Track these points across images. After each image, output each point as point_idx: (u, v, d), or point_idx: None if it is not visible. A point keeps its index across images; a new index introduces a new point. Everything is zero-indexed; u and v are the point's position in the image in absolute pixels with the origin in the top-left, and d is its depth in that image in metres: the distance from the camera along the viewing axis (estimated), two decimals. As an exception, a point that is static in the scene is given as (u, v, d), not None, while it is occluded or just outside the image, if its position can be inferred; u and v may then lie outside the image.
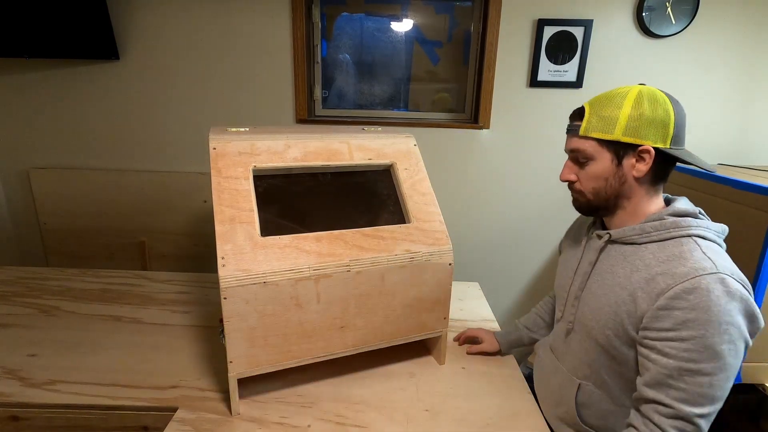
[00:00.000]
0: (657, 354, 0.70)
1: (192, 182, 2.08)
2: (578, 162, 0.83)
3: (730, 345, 0.67)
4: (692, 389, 0.68)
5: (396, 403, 0.99)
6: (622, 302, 0.76)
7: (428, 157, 2.04)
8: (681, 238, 0.74)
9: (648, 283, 0.73)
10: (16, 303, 1.36)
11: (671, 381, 0.69)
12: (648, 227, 0.77)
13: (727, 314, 0.66)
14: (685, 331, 0.67)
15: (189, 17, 1.92)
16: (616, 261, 0.81)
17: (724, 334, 0.66)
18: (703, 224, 0.76)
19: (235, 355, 0.90)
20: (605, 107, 0.78)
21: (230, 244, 0.87)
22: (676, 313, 0.68)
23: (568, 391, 0.89)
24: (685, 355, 0.68)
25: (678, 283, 0.69)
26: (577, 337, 0.88)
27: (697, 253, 0.71)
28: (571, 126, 0.83)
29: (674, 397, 0.69)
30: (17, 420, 0.97)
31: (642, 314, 0.73)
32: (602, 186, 0.80)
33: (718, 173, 1.51)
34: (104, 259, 2.15)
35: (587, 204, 0.84)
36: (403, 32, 2.06)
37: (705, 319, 0.66)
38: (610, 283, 0.80)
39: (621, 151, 0.78)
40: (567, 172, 0.85)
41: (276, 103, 2.02)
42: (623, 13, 1.88)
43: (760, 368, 1.39)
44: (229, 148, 0.98)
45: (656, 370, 0.70)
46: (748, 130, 2.01)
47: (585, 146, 0.80)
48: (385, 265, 0.97)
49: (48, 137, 2.08)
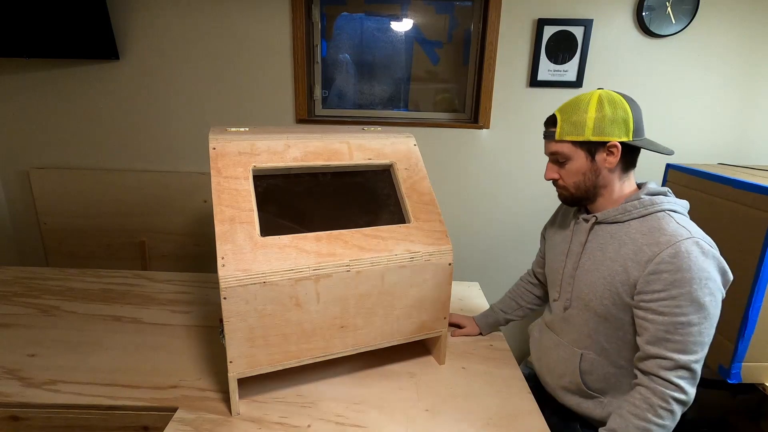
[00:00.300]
0: (653, 314, 0.82)
1: (192, 182, 2.08)
2: (558, 162, 0.94)
3: (711, 297, 0.79)
4: (686, 339, 0.79)
5: (396, 403, 0.99)
6: (616, 273, 0.88)
7: (428, 157, 2.05)
8: (657, 213, 0.87)
9: (636, 254, 0.85)
10: (16, 303, 1.36)
11: (668, 336, 0.80)
12: (629, 206, 0.89)
13: (705, 271, 0.79)
14: (674, 289, 0.79)
15: (189, 17, 1.92)
16: (604, 239, 0.92)
17: (705, 288, 0.78)
18: (672, 200, 0.89)
19: (235, 355, 0.90)
20: (573, 113, 0.89)
21: (230, 244, 0.87)
22: (664, 276, 0.80)
23: (571, 362, 0.98)
24: (676, 310, 0.79)
25: (662, 250, 0.81)
26: (575, 311, 0.97)
27: (673, 224, 0.84)
28: (547, 132, 0.95)
29: (672, 349, 0.80)
30: (17, 420, 0.97)
31: (635, 281, 0.84)
32: (581, 180, 0.92)
33: (719, 173, 1.51)
34: (104, 259, 2.15)
35: (571, 197, 0.96)
36: (403, 32, 2.06)
37: (689, 277, 0.78)
38: (601, 259, 0.91)
39: (592, 149, 0.90)
40: (550, 173, 0.97)
41: (276, 103, 2.02)
42: (623, 12, 1.88)
43: (760, 368, 1.38)
44: (229, 148, 0.98)
45: (654, 328, 0.81)
46: (748, 130, 2.00)
47: (562, 149, 0.92)
48: (385, 265, 0.97)
49: (48, 137, 2.08)
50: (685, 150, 2.04)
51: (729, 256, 1.39)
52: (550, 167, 0.97)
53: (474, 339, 1.26)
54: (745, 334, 1.34)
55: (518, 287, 1.29)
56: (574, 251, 0.98)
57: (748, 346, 1.35)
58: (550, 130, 0.93)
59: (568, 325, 0.99)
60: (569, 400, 1.00)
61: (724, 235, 1.43)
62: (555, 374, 1.03)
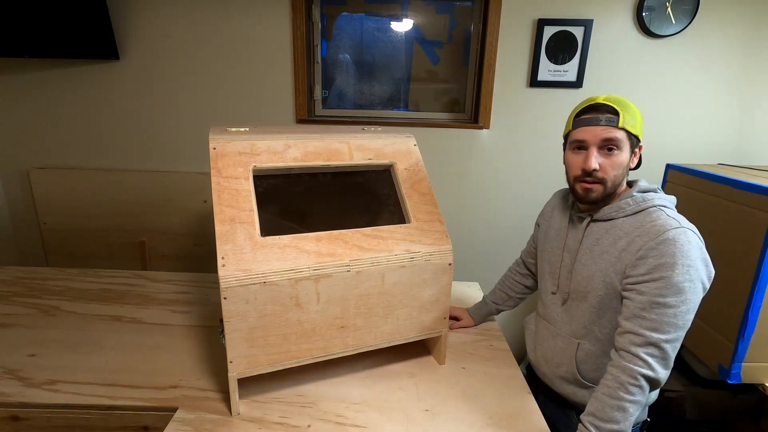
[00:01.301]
0: (635, 294, 0.86)
1: (192, 182, 2.08)
2: (607, 151, 0.92)
3: (691, 283, 0.82)
4: (660, 319, 0.82)
5: (396, 403, 0.99)
6: (611, 265, 0.91)
7: (428, 157, 2.05)
8: (648, 209, 0.91)
9: (629, 244, 0.89)
10: (16, 303, 1.36)
11: (644, 313, 0.83)
12: (622, 204, 0.93)
13: (689, 258, 0.82)
14: (656, 273, 0.83)
15: (189, 17, 1.92)
16: (600, 235, 0.95)
17: (686, 274, 0.82)
18: (662, 196, 0.93)
19: (235, 355, 0.90)
20: (627, 107, 0.90)
21: (230, 244, 0.87)
22: (650, 260, 0.84)
23: (568, 352, 1.00)
24: (655, 291, 0.83)
25: (652, 238, 0.85)
26: (573, 303, 1.00)
27: (664, 217, 0.88)
28: (606, 117, 0.91)
29: (645, 326, 0.83)
30: (17, 420, 0.97)
31: (625, 268, 0.88)
32: (620, 174, 0.93)
33: (719, 173, 1.51)
34: (104, 259, 2.15)
35: (603, 193, 0.93)
36: (403, 32, 2.06)
37: (672, 262, 0.82)
38: (597, 253, 0.94)
39: (634, 145, 0.93)
40: (595, 161, 0.92)
41: (276, 103, 2.02)
42: (623, 13, 1.88)
43: (760, 368, 1.38)
44: (229, 148, 0.98)
45: (632, 306, 0.85)
46: (748, 130, 2.00)
47: (620, 136, 0.90)
48: (385, 265, 0.97)
49: (48, 137, 2.08)
50: (685, 150, 2.04)
51: (729, 256, 1.40)
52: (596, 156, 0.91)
53: (474, 339, 1.26)
54: (745, 334, 1.34)
55: (507, 278, 1.32)
56: (571, 246, 1.01)
57: (748, 346, 1.35)
58: (609, 116, 0.90)
59: (566, 317, 1.02)
60: (565, 389, 1.03)
61: (724, 235, 1.43)
62: (552, 364, 1.05)
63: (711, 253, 1.46)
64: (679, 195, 1.67)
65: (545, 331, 1.08)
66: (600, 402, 0.85)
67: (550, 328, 1.06)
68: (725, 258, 1.42)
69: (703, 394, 1.90)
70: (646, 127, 2.00)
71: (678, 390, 1.90)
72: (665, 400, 1.91)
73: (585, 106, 0.94)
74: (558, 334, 1.04)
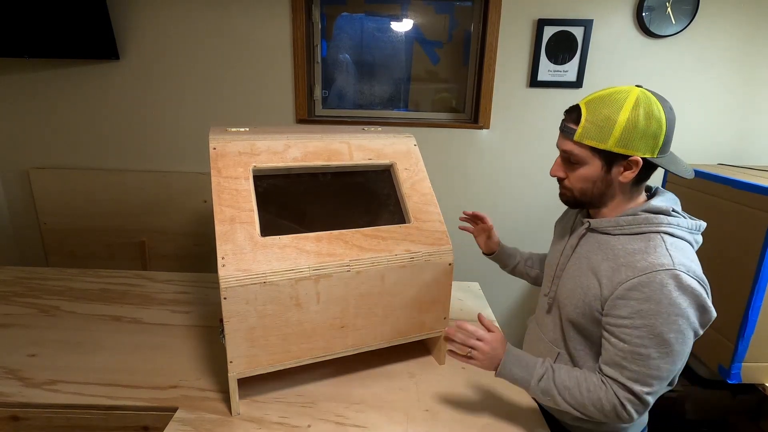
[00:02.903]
0: (615, 338, 0.79)
1: (192, 182, 2.08)
2: (569, 162, 0.85)
3: (678, 334, 0.74)
4: (642, 371, 0.76)
5: (396, 403, 0.99)
6: (592, 286, 0.83)
7: (428, 157, 2.04)
8: (650, 233, 0.80)
9: (613, 272, 0.80)
10: (16, 303, 1.36)
11: (625, 363, 0.77)
12: (622, 221, 0.83)
13: (677, 306, 0.73)
14: (638, 319, 0.75)
15: (189, 17, 1.92)
16: (592, 248, 0.87)
17: (673, 324, 0.73)
18: (674, 221, 0.80)
19: (235, 355, 0.90)
20: (601, 113, 0.78)
21: (230, 244, 0.87)
22: (632, 303, 0.76)
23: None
24: (637, 341, 0.75)
25: (636, 276, 0.75)
26: (555, 312, 0.95)
27: (661, 249, 0.76)
28: (565, 127, 0.84)
29: (627, 376, 0.77)
30: (17, 420, 0.97)
31: (605, 299, 0.80)
32: (589, 187, 0.84)
33: (719, 173, 1.51)
34: (104, 259, 2.15)
35: (573, 200, 0.89)
36: (403, 32, 2.06)
37: (656, 310, 0.73)
38: (584, 268, 0.87)
39: (611, 160, 0.80)
40: (557, 169, 0.88)
41: (276, 103, 2.02)
42: (623, 13, 1.88)
43: (760, 368, 1.38)
44: (229, 148, 0.98)
45: (613, 352, 0.79)
46: (748, 130, 2.01)
47: (578, 151, 0.82)
48: (385, 265, 0.97)
49: (48, 137, 2.08)
50: (685, 150, 2.04)
51: (729, 256, 1.40)
52: (559, 164, 0.87)
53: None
54: (745, 334, 1.34)
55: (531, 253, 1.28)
56: (565, 253, 0.95)
57: (748, 346, 1.35)
58: (569, 126, 0.81)
59: (549, 323, 0.98)
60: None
61: (724, 235, 1.43)
62: None
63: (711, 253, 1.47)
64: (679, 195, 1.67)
65: (534, 334, 1.05)
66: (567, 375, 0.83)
67: (538, 332, 1.03)
68: (725, 258, 1.42)
69: (703, 394, 1.90)
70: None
71: (678, 390, 1.90)
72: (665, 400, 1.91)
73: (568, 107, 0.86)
74: (542, 340, 1.00)
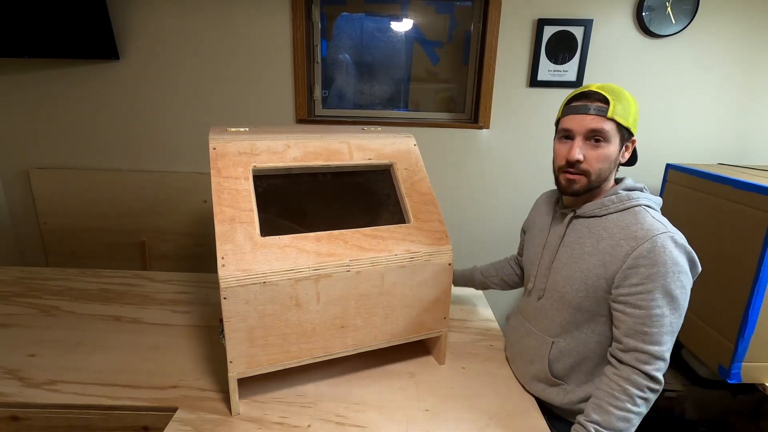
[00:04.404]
0: (630, 308, 0.84)
1: (192, 182, 2.08)
2: (593, 143, 0.88)
3: (682, 289, 0.82)
4: (660, 331, 0.82)
5: (396, 403, 0.99)
6: (593, 267, 0.89)
7: (428, 157, 2.05)
8: (633, 208, 0.88)
9: (614, 248, 0.86)
10: (16, 303, 1.36)
11: (645, 328, 0.82)
12: (606, 201, 0.90)
13: (678, 264, 0.81)
14: (650, 283, 0.81)
15: (189, 17, 1.92)
16: (582, 233, 0.93)
17: (678, 281, 0.81)
18: (647, 196, 0.91)
19: (235, 355, 0.90)
20: (621, 98, 0.86)
21: (230, 244, 0.87)
22: (641, 270, 0.82)
23: (541, 350, 1.00)
24: (652, 303, 0.82)
25: (640, 244, 0.83)
26: (548, 302, 0.98)
27: (649, 218, 0.85)
28: (594, 106, 0.87)
29: (649, 341, 0.83)
30: (17, 420, 0.97)
31: (612, 275, 0.86)
32: (606, 168, 0.89)
33: (719, 173, 1.51)
34: (104, 259, 2.15)
35: (587, 185, 0.91)
36: (403, 32, 2.06)
37: (663, 271, 0.81)
38: (579, 253, 0.92)
39: (625, 138, 0.89)
40: (578, 152, 0.88)
41: (276, 103, 2.02)
42: (623, 12, 1.88)
43: (760, 368, 1.38)
44: (229, 148, 0.98)
45: (632, 321, 0.84)
46: (748, 130, 2.01)
47: (608, 127, 0.86)
48: (385, 265, 0.97)
49: (48, 137, 2.08)
50: (685, 150, 2.04)
51: (729, 256, 1.40)
52: (580, 146, 0.88)
53: (474, 339, 1.26)
54: (745, 334, 1.34)
55: (503, 261, 1.33)
56: (551, 244, 0.99)
57: (748, 346, 1.35)
58: (599, 105, 0.86)
59: (541, 315, 1.01)
60: (535, 387, 1.02)
61: (724, 235, 1.43)
62: (525, 361, 1.05)
63: (711, 253, 1.47)
64: (679, 195, 1.67)
65: (521, 328, 1.08)
66: (606, 412, 0.83)
67: (526, 325, 1.06)
68: (725, 258, 1.42)
69: (703, 394, 1.90)
70: (647, 127, 2.00)
71: (678, 390, 1.90)
72: (665, 400, 1.91)
73: (577, 93, 0.90)
74: (532, 332, 1.03)
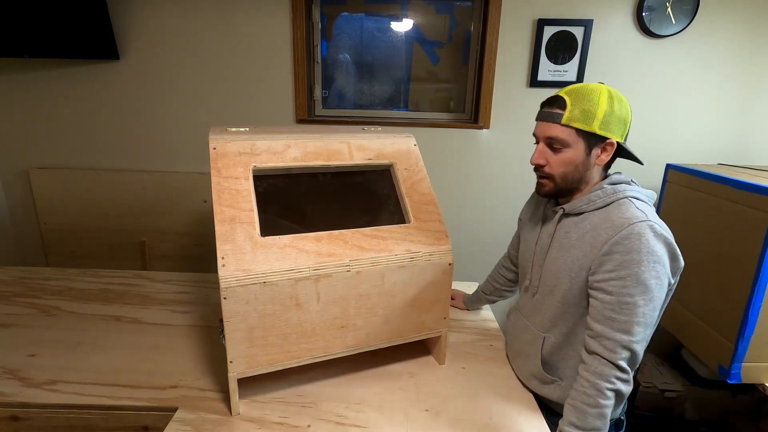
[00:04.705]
0: (602, 293, 0.84)
1: (192, 182, 2.08)
2: (552, 148, 0.91)
3: (657, 280, 0.81)
4: (629, 320, 0.82)
5: (396, 403, 0.99)
6: (576, 259, 0.90)
7: (428, 157, 2.05)
8: (618, 201, 0.88)
9: (595, 239, 0.87)
10: (16, 303, 1.36)
11: (613, 314, 0.83)
12: (592, 197, 0.91)
13: (655, 254, 0.80)
14: (623, 270, 0.81)
15: (189, 17, 1.92)
16: (570, 228, 0.94)
17: (652, 270, 0.80)
18: (635, 188, 0.90)
19: (235, 355, 0.90)
20: (584, 101, 0.86)
21: (230, 244, 0.87)
22: (616, 257, 0.82)
23: (535, 345, 1.01)
24: (623, 290, 0.81)
25: (617, 232, 0.83)
26: (541, 297, 1.00)
27: (632, 208, 0.85)
28: (550, 112, 0.90)
29: (617, 328, 0.82)
30: (17, 420, 0.97)
31: (591, 262, 0.87)
32: (571, 171, 0.91)
33: (719, 173, 1.51)
34: (104, 259, 2.15)
35: (554, 188, 0.94)
36: (403, 32, 2.06)
37: (638, 259, 0.80)
38: (566, 247, 0.93)
39: (593, 142, 0.88)
40: (539, 157, 0.93)
41: (276, 103, 2.02)
42: (623, 13, 1.88)
43: (760, 368, 1.38)
44: (229, 148, 0.98)
45: (601, 306, 0.84)
46: (748, 130, 2.00)
47: (564, 135, 0.88)
48: (385, 265, 0.97)
49: (48, 137, 2.08)
50: (685, 150, 2.04)
51: (729, 256, 1.40)
52: (541, 151, 0.92)
53: (474, 339, 1.26)
54: (745, 334, 1.34)
55: (494, 270, 1.33)
56: (543, 241, 1.00)
57: (748, 346, 1.35)
58: (556, 111, 0.88)
59: (535, 310, 1.02)
60: (532, 383, 1.03)
61: (724, 235, 1.43)
62: (522, 357, 1.07)
63: (711, 253, 1.47)
64: (679, 195, 1.67)
65: (519, 324, 1.09)
66: (580, 411, 0.84)
67: (523, 322, 1.07)
68: (725, 258, 1.42)
69: (703, 394, 1.90)
70: (647, 127, 2.00)
71: (678, 390, 1.90)
72: (665, 400, 1.91)
73: (546, 98, 0.92)
74: (528, 328, 1.04)
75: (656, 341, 2.19)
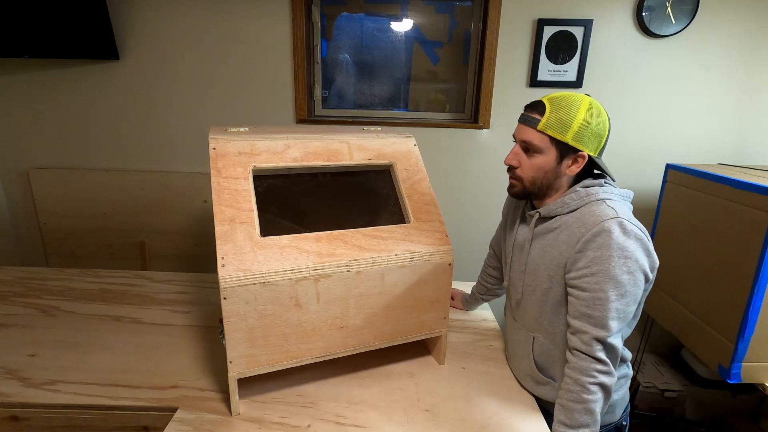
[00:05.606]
0: (577, 290, 0.86)
1: (192, 182, 2.08)
2: (526, 152, 0.93)
3: (629, 275, 0.82)
4: (603, 315, 0.83)
5: (396, 403, 0.99)
6: (553, 258, 0.92)
7: (428, 157, 2.05)
8: (591, 203, 0.89)
9: (569, 237, 0.89)
10: (16, 303, 1.36)
11: (588, 310, 0.84)
12: (567, 200, 0.92)
13: (625, 249, 0.82)
14: (594, 266, 0.83)
15: (189, 17, 1.92)
16: (547, 231, 0.95)
17: (624, 266, 0.82)
18: (608, 190, 0.91)
19: (235, 355, 0.90)
20: (562, 110, 0.88)
21: (230, 244, 0.87)
22: (588, 254, 0.84)
23: (526, 345, 1.02)
24: (596, 286, 0.83)
25: (589, 230, 0.85)
26: (527, 298, 1.01)
27: (603, 206, 0.87)
28: (528, 117, 0.91)
29: (592, 323, 0.84)
30: (17, 420, 0.97)
31: (566, 261, 0.88)
32: (540, 177, 0.93)
33: (719, 173, 1.51)
34: (104, 259, 2.15)
35: (522, 190, 0.97)
36: (403, 32, 2.06)
37: (608, 255, 0.82)
38: (544, 248, 0.95)
39: (565, 152, 0.90)
40: (513, 158, 0.95)
41: (276, 103, 2.02)
42: (623, 13, 1.88)
43: (760, 368, 1.38)
44: (229, 148, 0.98)
45: (578, 303, 0.86)
46: (748, 130, 2.00)
47: (538, 140, 0.90)
48: (385, 265, 0.97)
49: (48, 137, 2.08)
50: (685, 150, 2.04)
51: (729, 256, 1.40)
52: (515, 153, 0.94)
53: (474, 339, 1.26)
54: (745, 334, 1.34)
55: (482, 271, 1.34)
56: (520, 243, 1.02)
57: (748, 346, 1.35)
58: (534, 116, 0.90)
59: (521, 310, 1.03)
60: (527, 383, 1.04)
61: (724, 235, 1.43)
62: (517, 357, 1.07)
63: (711, 253, 1.47)
64: (679, 195, 1.67)
65: (510, 324, 1.10)
66: (567, 409, 0.84)
67: (514, 322, 1.08)
68: (725, 258, 1.42)
69: (703, 394, 1.90)
70: (647, 127, 2.00)
71: (678, 390, 1.90)
72: (665, 400, 1.91)
73: (530, 101, 0.94)
74: (518, 328, 1.05)
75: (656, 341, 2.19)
